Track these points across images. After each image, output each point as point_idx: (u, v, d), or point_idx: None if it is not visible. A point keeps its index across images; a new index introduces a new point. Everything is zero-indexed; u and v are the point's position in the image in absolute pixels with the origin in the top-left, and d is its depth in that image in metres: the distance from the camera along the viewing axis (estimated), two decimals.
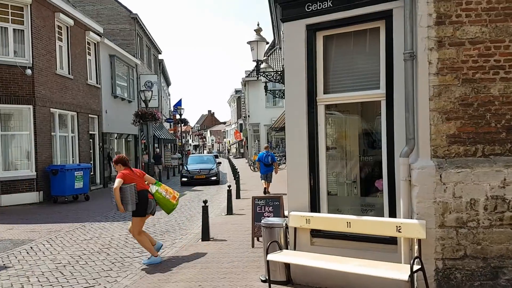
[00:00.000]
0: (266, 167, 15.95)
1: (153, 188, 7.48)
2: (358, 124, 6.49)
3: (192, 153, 64.45)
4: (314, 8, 5.69)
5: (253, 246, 7.99)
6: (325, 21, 5.68)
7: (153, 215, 7.62)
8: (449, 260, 4.86)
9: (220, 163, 26.21)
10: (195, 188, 20.57)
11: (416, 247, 4.88)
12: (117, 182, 6.96)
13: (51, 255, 8.02)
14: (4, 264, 7.39)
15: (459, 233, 4.84)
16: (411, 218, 4.96)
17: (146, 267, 7.07)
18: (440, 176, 4.85)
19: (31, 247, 8.61)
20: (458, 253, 4.85)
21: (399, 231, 4.95)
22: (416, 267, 4.63)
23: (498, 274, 4.79)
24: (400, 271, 4.61)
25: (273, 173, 16.29)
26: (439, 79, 4.92)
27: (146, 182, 7.44)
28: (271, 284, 5.65)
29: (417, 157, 4.98)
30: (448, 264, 4.86)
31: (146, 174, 7.71)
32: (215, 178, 22.58)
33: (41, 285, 6.32)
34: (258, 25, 12.14)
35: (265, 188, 15.83)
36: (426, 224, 4.81)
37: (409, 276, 4.46)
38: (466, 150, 4.92)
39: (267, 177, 15.97)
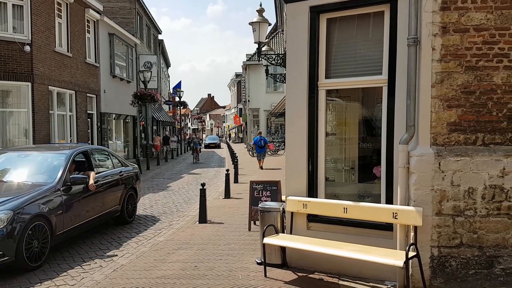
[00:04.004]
0: (260, 149, 21.80)
1: None
2: (358, 110, 6.43)
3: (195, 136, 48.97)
4: None
5: (249, 230, 8.01)
6: (329, 3, 5.59)
7: None
8: (444, 248, 4.87)
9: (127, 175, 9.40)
10: None
11: (412, 234, 4.88)
12: None
13: None
14: None
15: (456, 221, 4.84)
16: (408, 205, 4.96)
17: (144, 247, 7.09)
18: (439, 164, 4.83)
19: None
20: (454, 241, 4.86)
21: (395, 218, 4.95)
22: (411, 254, 4.64)
23: (493, 263, 4.81)
24: (395, 257, 4.62)
25: (266, 153, 22.79)
26: (442, 65, 4.86)
27: None
28: (267, 267, 5.67)
29: (416, 144, 4.96)
30: (443, 252, 4.87)
31: None
32: None
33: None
34: (260, 5, 12.01)
35: (259, 165, 21.42)
36: (422, 211, 4.80)
37: (404, 262, 4.48)
38: (466, 138, 4.89)
39: (260, 156, 21.76)
